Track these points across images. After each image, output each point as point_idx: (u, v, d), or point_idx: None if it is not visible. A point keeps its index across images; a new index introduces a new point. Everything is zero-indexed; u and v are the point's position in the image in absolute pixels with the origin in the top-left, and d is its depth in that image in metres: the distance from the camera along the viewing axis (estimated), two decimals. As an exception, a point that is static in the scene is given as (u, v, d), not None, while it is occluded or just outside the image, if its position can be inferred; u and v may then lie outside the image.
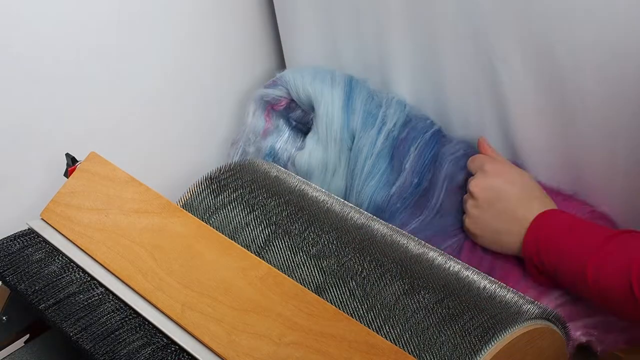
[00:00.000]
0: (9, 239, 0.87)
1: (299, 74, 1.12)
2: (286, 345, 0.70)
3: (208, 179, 0.98)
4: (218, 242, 0.82)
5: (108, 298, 0.79)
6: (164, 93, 1.17)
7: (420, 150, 1.02)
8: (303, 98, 1.10)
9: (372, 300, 0.80)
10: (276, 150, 1.16)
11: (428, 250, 0.86)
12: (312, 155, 1.07)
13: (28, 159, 1.00)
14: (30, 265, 0.83)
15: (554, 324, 0.78)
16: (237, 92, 1.29)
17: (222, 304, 0.75)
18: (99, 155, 0.93)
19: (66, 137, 1.03)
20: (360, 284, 0.81)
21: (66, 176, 0.96)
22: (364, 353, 0.68)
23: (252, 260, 0.79)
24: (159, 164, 1.20)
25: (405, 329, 0.75)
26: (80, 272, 0.83)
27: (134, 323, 0.76)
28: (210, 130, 1.27)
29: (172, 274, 0.79)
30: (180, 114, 1.21)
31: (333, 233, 0.88)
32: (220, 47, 1.24)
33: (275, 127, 1.17)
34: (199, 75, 1.22)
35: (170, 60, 1.16)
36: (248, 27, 1.28)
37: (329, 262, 0.84)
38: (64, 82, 1.01)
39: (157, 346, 0.74)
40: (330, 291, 0.82)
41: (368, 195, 1.03)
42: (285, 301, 0.74)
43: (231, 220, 0.93)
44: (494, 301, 0.77)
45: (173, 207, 0.86)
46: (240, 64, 1.29)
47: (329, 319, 0.71)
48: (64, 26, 0.99)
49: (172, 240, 0.83)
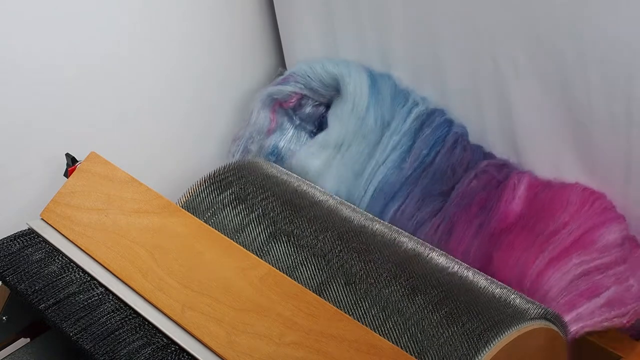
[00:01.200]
0: (9, 239, 0.87)
1: (316, 64, 1.14)
2: (286, 345, 0.70)
3: (208, 179, 0.98)
4: (218, 242, 0.82)
5: (108, 298, 0.79)
6: (164, 93, 1.17)
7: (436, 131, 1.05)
8: (327, 81, 1.11)
9: (372, 300, 0.80)
10: (279, 149, 1.16)
11: (428, 250, 0.86)
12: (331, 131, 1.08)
13: (28, 159, 1.00)
14: (30, 265, 0.83)
15: (554, 324, 0.78)
16: (237, 91, 1.29)
17: (222, 304, 0.75)
18: (99, 155, 0.93)
19: (66, 137, 1.03)
20: (361, 284, 0.81)
21: (66, 176, 0.96)
22: (364, 353, 0.68)
23: (252, 260, 0.79)
24: (159, 164, 1.20)
25: (405, 330, 0.75)
26: (80, 272, 0.83)
27: (134, 323, 0.76)
28: (210, 130, 1.27)
29: (172, 274, 0.79)
30: (180, 113, 1.21)
31: (333, 233, 0.88)
32: (220, 47, 1.24)
33: (280, 125, 1.17)
34: (199, 75, 1.22)
35: (171, 60, 1.16)
36: (248, 27, 1.28)
37: (329, 262, 0.84)
38: (64, 82, 1.01)
39: (157, 346, 0.74)
40: (331, 291, 0.82)
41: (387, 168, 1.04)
42: (285, 301, 0.74)
43: (231, 220, 0.93)
44: (493, 301, 0.77)
45: (173, 207, 0.86)
46: (241, 64, 1.29)
47: (329, 319, 0.71)
48: (64, 27, 0.99)
49: (172, 240, 0.83)
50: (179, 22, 1.15)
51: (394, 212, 1.00)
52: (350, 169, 1.05)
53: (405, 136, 1.05)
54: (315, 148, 1.08)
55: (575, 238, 0.90)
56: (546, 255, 0.90)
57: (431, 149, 1.03)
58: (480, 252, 0.95)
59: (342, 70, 1.10)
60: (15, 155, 0.98)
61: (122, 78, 1.09)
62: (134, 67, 1.11)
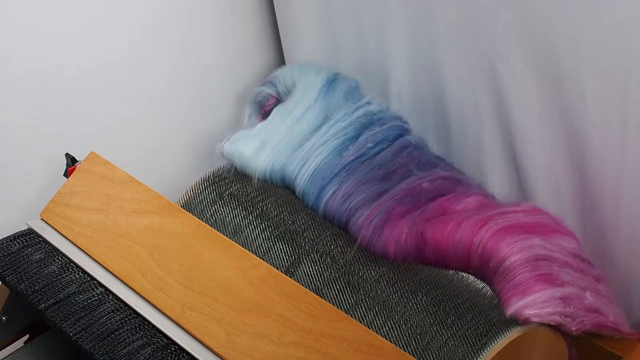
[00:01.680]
0: (9, 239, 0.87)
1: (292, 68, 1.12)
2: (286, 345, 0.70)
3: (208, 179, 0.98)
4: (218, 242, 0.82)
5: (108, 298, 0.79)
6: (164, 93, 1.17)
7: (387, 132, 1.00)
8: (290, 87, 1.09)
9: (372, 300, 0.80)
10: None
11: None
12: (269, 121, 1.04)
13: (28, 159, 1.00)
14: (30, 265, 0.83)
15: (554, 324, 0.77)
16: (237, 91, 1.28)
17: (222, 304, 0.75)
18: (99, 155, 0.93)
19: (66, 137, 1.03)
20: (361, 284, 0.81)
21: (66, 176, 0.96)
22: (364, 353, 0.68)
23: (252, 260, 0.79)
24: (158, 163, 1.19)
25: (406, 330, 0.75)
26: (80, 272, 0.83)
27: (133, 323, 0.76)
28: (210, 130, 1.26)
29: (171, 273, 0.79)
30: (181, 113, 1.21)
31: (332, 233, 0.88)
32: (220, 47, 1.24)
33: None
34: (200, 75, 1.22)
35: (171, 61, 1.16)
36: (248, 27, 1.28)
37: (329, 262, 0.84)
38: (64, 82, 1.01)
39: (157, 346, 0.74)
40: (331, 291, 0.83)
41: (328, 151, 0.98)
42: (285, 301, 0.74)
43: (231, 220, 0.93)
44: (493, 302, 0.77)
45: (173, 207, 0.86)
46: (241, 64, 1.29)
47: (329, 319, 0.71)
48: (63, 28, 0.99)
49: (172, 240, 0.83)
50: (179, 23, 1.15)
51: (330, 195, 0.92)
52: (288, 145, 1.00)
53: (351, 126, 1.01)
54: (251, 132, 1.03)
55: (531, 222, 0.82)
56: (500, 222, 0.80)
57: (377, 144, 0.98)
58: (413, 234, 0.85)
59: (302, 75, 1.07)
60: (15, 155, 0.98)
61: (122, 78, 1.09)
62: (134, 67, 1.11)
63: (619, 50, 0.82)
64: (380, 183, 0.92)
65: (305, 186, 0.93)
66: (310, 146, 0.97)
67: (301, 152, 0.97)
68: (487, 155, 1.05)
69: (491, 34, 0.94)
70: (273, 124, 1.02)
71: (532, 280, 0.74)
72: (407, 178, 0.93)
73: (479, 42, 0.97)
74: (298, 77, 1.07)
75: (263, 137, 1.00)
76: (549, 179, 0.99)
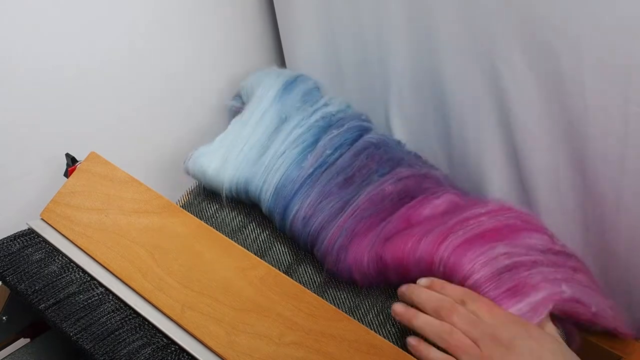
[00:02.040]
0: (9, 239, 0.87)
1: (254, 76, 1.09)
2: (286, 345, 0.70)
3: (208, 178, 0.97)
4: (218, 242, 0.82)
5: (108, 298, 0.79)
6: (164, 93, 1.17)
7: (345, 134, 0.95)
8: (252, 96, 1.06)
9: (373, 300, 0.80)
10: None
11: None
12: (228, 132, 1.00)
13: (28, 159, 1.00)
14: (30, 265, 0.83)
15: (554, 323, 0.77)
16: (237, 91, 1.29)
17: (222, 304, 0.75)
18: (99, 155, 0.93)
19: (66, 137, 1.03)
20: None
21: (66, 176, 0.96)
22: (364, 353, 0.68)
23: (252, 260, 0.79)
24: (158, 163, 1.20)
25: (406, 330, 0.75)
26: (80, 272, 0.83)
27: (134, 323, 0.76)
28: (210, 131, 1.27)
29: (171, 273, 0.79)
30: (180, 114, 1.21)
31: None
32: (220, 48, 1.24)
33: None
34: (200, 76, 1.22)
35: (171, 61, 1.16)
36: (248, 28, 1.28)
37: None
38: (64, 82, 1.01)
39: (157, 346, 0.74)
40: (331, 291, 0.82)
41: (288, 163, 0.93)
42: (285, 301, 0.74)
43: (232, 220, 0.93)
44: (494, 301, 0.77)
45: (173, 207, 0.86)
46: (241, 64, 1.29)
47: (329, 319, 0.71)
48: (63, 28, 0.99)
49: (172, 240, 0.83)
50: (179, 23, 1.15)
51: (293, 217, 0.88)
52: (247, 157, 0.96)
53: (309, 132, 0.96)
54: (211, 147, 1.00)
55: (495, 226, 0.78)
56: (460, 235, 0.76)
57: (335, 150, 0.93)
58: (372, 259, 0.81)
59: (260, 82, 1.05)
60: (15, 155, 0.98)
61: (122, 78, 1.09)
62: (134, 67, 1.11)
63: (620, 50, 0.82)
64: (340, 193, 0.88)
65: (269, 205, 0.89)
66: (270, 159, 0.93)
67: (261, 167, 0.92)
68: (488, 155, 1.05)
69: (492, 34, 0.94)
70: (232, 135, 0.99)
71: (498, 299, 0.72)
72: (368, 184, 0.89)
73: (479, 42, 0.97)
74: (257, 84, 1.05)
75: (223, 151, 0.97)
76: (550, 179, 0.99)
